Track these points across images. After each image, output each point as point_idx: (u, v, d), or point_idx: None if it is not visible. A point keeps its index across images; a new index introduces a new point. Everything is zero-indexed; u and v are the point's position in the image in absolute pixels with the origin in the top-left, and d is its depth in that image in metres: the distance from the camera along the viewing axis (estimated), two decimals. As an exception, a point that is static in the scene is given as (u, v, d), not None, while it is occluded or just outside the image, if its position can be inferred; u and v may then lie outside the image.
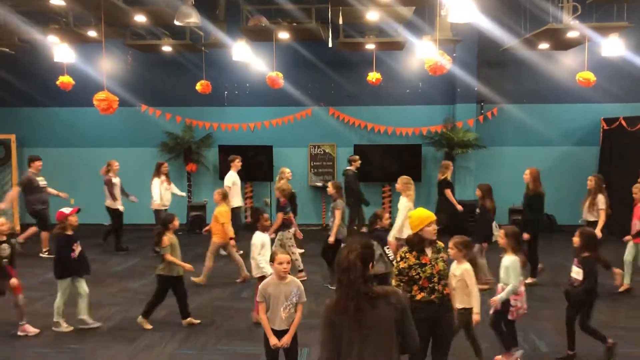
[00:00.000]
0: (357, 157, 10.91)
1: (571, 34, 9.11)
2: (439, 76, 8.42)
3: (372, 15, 8.96)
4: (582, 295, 5.31)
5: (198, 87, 11.25)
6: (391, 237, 7.53)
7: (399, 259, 4.33)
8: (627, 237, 7.66)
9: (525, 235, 7.69)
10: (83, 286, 6.33)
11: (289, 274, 4.50)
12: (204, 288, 7.83)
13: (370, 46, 10.76)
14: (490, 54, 11.89)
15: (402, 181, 7.82)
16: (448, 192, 10.15)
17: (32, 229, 9.84)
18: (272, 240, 7.29)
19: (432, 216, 4.28)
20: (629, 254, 7.55)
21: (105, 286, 8.01)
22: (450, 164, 10.48)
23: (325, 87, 12.62)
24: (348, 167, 10.78)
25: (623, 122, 11.25)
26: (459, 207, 9.95)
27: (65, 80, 10.02)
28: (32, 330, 6.18)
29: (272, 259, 4.53)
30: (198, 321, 6.47)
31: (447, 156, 12.14)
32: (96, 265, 8.32)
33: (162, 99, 12.77)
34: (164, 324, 6.49)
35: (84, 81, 10.92)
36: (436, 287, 4.22)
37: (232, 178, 9.72)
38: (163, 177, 9.94)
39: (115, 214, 10.12)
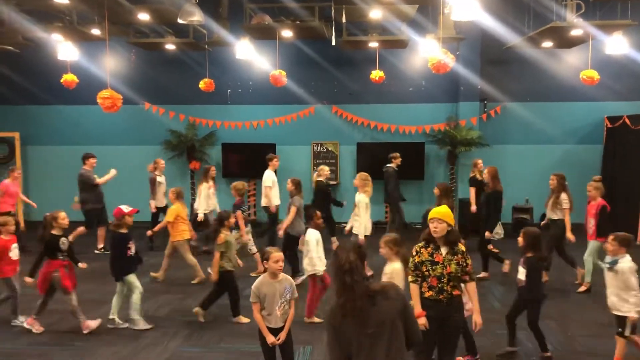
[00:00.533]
0: (398, 154, 10.71)
1: (575, 32, 9.09)
2: (442, 74, 8.44)
3: (376, 14, 8.97)
4: (525, 295, 5.30)
5: (201, 85, 11.26)
6: (361, 236, 7.70)
7: (414, 253, 4.29)
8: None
9: (488, 234, 8.10)
10: (136, 282, 6.35)
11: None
12: (207, 286, 7.80)
13: (373, 44, 10.76)
14: (493, 52, 11.87)
15: (361, 177, 8.04)
16: (471, 190, 10.01)
17: (81, 229, 9.68)
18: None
19: (437, 214, 4.20)
20: (589, 253, 7.50)
21: (107, 284, 8.00)
22: (478, 161, 10.22)
23: (328, 85, 12.62)
24: (388, 165, 10.61)
25: (627, 120, 11.22)
26: (473, 208, 9.86)
27: (69, 78, 10.06)
28: (94, 324, 6.22)
29: (265, 258, 4.53)
30: (247, 320, 6.43)
31: (450, 154, 12.14)
32: (99, 262, 8.37)
33: (166, 97, 12.80)
34: (167, 322, 6.51)
35: (88, 79, 10.96)
36: (445, 288, 4.18)
37: (271, 177, 9.54)
38: (210, 182, 9.83)
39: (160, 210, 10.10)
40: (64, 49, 9.63)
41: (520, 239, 5.35)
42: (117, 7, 7.76)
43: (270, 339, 4.44)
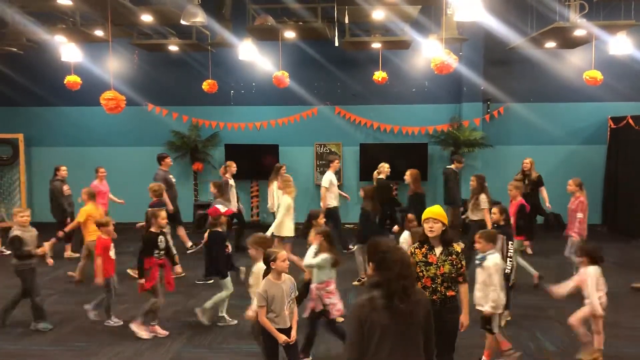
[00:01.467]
0: (462, 157, 10.69)
1: (578, 33, 9.07)
2: (445, 75, 8.44)
3: (378, 14, 8.97)
4: None
5: (204, 86, 11.28)
6: (269, 233, 7.68)
7: (409, 254, 4.29)
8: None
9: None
10: (229, 282, 6.37)
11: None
12: (210, 287, 7.81)
13: (376, 45, 10.76)
14: (496, 53, 11.85)
15: (283, 179, 8.29)
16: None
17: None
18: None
19: (432, 213, 4.19)
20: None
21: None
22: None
23: (331, 86, 12.62)
24: (448, 166, 10.61)
25: (630, 121, 11.19)
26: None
27: (72, 79, 10.09)
28: (162, 332, 6.16)
29: (273, 259, 4.44)
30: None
31: (453, 155, 12.12)
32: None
33: (169, 98, 12.82)
34: (170, 322, 6.51)
35: (91, 80, 10.99)
36: (439, 289, 4.18)
37: (329, 178, 9.58)
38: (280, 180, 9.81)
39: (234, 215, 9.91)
40: (68, 50, 9.65)
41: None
42: (120, 8, 7.76)
43: (283, 338, 4.41)
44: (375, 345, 2.83)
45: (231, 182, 9.99)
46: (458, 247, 4.30)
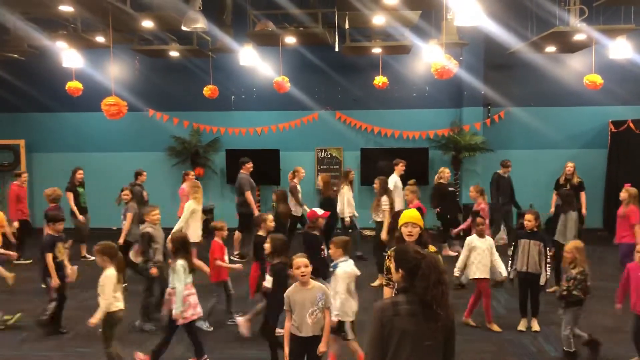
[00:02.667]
0: (510, 162, 10.63)
1: (578, 37, 9.09)
2: (446, 80, 8.44)
3: (379, 20, 8.99)
4: (270, 301, 5.28)
5: (205, 91, 11.30)
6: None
7: (387, 257, 4.20)
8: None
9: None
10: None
11: (311, 279, 4.43)
12: (212, 294, 7.79)
13: (376, 50, 10.78)
14: (496, 57, 11.87)
15: (190, 184, 8.42)
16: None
17: (237, 234, 9.80)
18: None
19: (410, 218, 4.14)
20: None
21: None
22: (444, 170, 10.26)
23: (331, 91, 12.64)
24: (497, 171, 10.62)
25: (631, 125, 11.20)
26: (551, 211, 9.87)
27: (73, 85, 10.10)
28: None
29: (290, 266, 4.43)
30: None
31: (454, 160, 12.13)
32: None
33: (170, 103, 12.84)
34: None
35: (92, 86, 11.01)
36: None
37: (393, 181, 9.50)
38: (349, 186, 9.79)
39: (297, 219, 9.95)
40: (69, 56, 9.67)
41: (266, 245, 5.36)
42: (121, 14, 7.79)
43: (286, 351, 4.37)
44: (393, 351, 2.80)
45: (299, 187, 10.06)
46: (433, 248, 4.26)
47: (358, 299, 5.14)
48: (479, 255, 6.36)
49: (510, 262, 6.33)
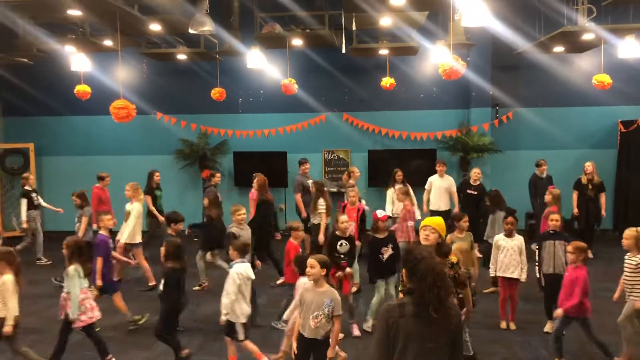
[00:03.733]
0: (543, 160, 10.44)
1: (586, 37, 9.04)
2: (453, 80, 8.41)
3: (386, 21, 8.98)
4: (163, 305, 5.35)
5: (213, 94, 11.33)
6: (122, 241, 7.91)
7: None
8: None
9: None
10: (380, 288, 6.31)
11: (325, 282, 4.42)
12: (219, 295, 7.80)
13: (383, 52, 10.77)
14: (504, 58, 11.82)
15: (132, 187, 8.35)
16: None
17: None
18: None
19: (430, 222, 4.15)
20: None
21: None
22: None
23: (338, 92, 12.64)
24: (534, 172, 10.49)
25: (641, 125, 11.12)
26: (575, 211, 9.93)
27: (82, 89, 10.15)
28: (356, 332, 6.27)
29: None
30: None
31: (462, 161, 12.08)
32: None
33: (177, 106, 12.89)
34: (180, 330, 6.50)
35: (101, 90, 11.06)
36: None
37: (430, 180, 9.87)
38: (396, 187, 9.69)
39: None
40: (77, 60, 9.72)
41: (162, 249, 5.45)
42: (129, 18, 7.82)
43: (294, 346, 4.40)
44: (399, 352, 2.80)
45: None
46: (454, 258, 4.23)
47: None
48: (503, 255, 6.43)
49: (537, 266, 6.32)
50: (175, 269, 5.32)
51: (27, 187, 10.01)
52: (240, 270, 5.17)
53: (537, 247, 6.40)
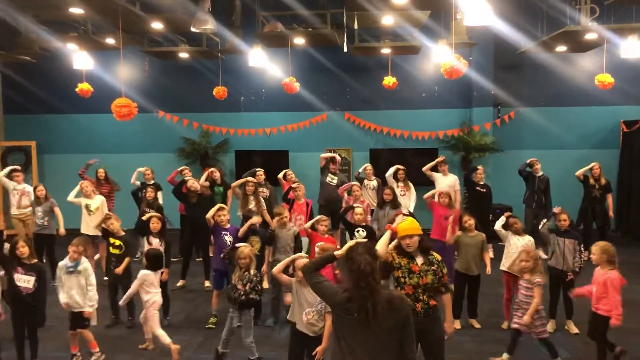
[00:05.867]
0: (535, 160, 10.26)
1: (589, 36, 9.01)
2: (455, 80, 8.39)
3: (388, 20, 8.97)
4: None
5: (215, 92, 11.33)
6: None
7: (389, 259, 4.13)
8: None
9: None
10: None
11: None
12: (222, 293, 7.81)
13: (385, 50, 10.75)
14: (506, 57, 11.81)
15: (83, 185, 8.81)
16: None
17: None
18: None
19: (406, 230, 4.05)
20: None
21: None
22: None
23: (340, 91, 12.63)
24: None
25: (643, 125, 11.10)
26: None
27: (84, 87, 10.15)
28: None
29: None
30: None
31: (464, 160, 12.07)
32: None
33: (179, 105, 12.90)
34: (182, 329, 6.51)
35: (103, 88, 11.06)
36: (421, 297, 4.04)
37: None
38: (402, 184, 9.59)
39: None
40: (79, 58, 9.72)
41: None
42: (131, 16, 7.83)
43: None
44: (347, 347, 2.92)
45: (374, 183, 9.90)
46: (438, 255, 4.19)
47: None
48: (509, 251, 6.44)
49: (545, 263, 6.30)
50: None
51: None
52: (88, 266, 5.64)
53: (547, 221, 6.43)
